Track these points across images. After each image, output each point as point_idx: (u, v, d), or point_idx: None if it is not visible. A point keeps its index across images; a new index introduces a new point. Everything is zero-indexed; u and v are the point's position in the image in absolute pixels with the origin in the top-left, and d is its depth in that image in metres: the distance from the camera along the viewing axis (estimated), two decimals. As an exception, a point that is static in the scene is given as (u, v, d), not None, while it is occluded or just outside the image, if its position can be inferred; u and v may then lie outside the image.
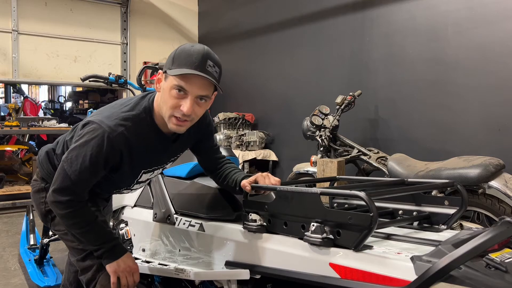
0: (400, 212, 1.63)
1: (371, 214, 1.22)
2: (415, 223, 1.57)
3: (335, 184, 2.05)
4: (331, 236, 1.34)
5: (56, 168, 1.64)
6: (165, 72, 1.53)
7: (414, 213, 1.58)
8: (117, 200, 2.63)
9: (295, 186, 1.57)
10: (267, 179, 1.65)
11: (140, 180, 1.77)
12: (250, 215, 1.59)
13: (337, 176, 2.03)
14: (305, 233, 1.39)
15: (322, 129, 3.55)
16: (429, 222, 1.56)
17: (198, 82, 1.49)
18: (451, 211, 1.52)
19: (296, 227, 1.45)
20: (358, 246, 1.27)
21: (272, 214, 1.55)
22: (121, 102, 1.66)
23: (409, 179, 1.73)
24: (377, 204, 1.53)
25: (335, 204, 1.82)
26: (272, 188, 1.59)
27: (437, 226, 1.53)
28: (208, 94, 1.53)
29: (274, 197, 1.59)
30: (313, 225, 1.36)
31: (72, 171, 1.53)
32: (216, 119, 5.25)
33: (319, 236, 1.34)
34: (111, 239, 1.64)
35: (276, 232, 1.54)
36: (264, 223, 1.56)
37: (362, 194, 1.26)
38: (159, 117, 1.60)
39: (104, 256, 1.61)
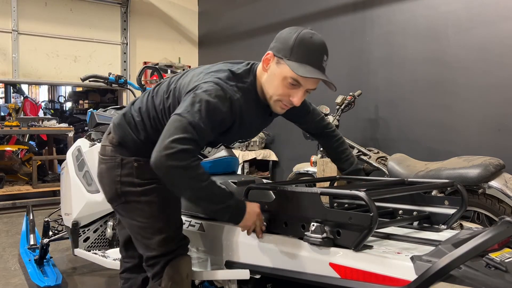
0: (400, 212, 1.63)
1: (371, 214, 1.22)
2: (415, 223, 1.57)
3: (335, 184, 2.06)
4: (331, 236, 1.34)
5: (135, 130, 1.64)
6: (279, 57, 1.50)
7: (414, 213, 1.58)
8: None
9: (295, 186, 1.57)
10: None
11: (231, 146, 1.78)
12: None
13: (337, 176, 2.03)
14: (305, 233, 1.39)
15: (322, 129, 3.54)
16: (429, 222, 1.56)
17: (315, 80, 1.51)
18: (451, 211, 1.52)
19: (296, 227, 1.45)
20: (358, 246, 1.27)
21: (272, 214, 1.55)
22: (230, 69, 1.58)
23: (409, 179, 1.73)
24: (377, 204, 1.53)
25: (335, 204, 1.82)
26: (272, 188, 1.59)
27: (437, 226, 1.53)
28: (316, 87, 1.56)
29: (274, 197, 1.59)
30: (313, 225, 1.36)
31: (193, 118, 1.40)
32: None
33: (319, 236, 1.34)
34: (232, 195, 1.51)
35: (276, 232, 1.54)
36: (264, 223, 1.56)
37: (362, 194, 1.26)
38: (261, 92, 1.61)
39: (233, 214, 1.50)
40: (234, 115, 1.52)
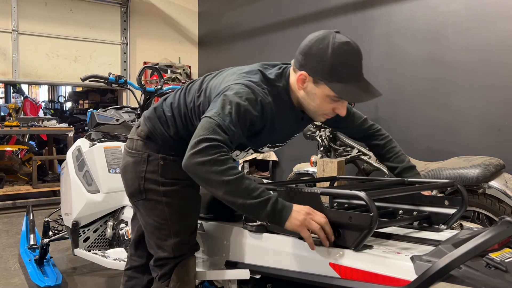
0: (400, 212, 1.63)
1: (371, 214, 1.21)
2: (415, 223, 1.57)
3: (335, 184, 2.05)
4: (331, 236, 1.34)
5: (165, 124, 1.64)
6: (317, 78, 1.43)
7: (414, 213, 1.58)
8: (117, 200, 2.63)
9: (295, 186, 1.56)
10: None
11: (260, 150, 1.72)
12: None
13: (337, 176, 2.02)
14: None
15: (322, 129, 3.55)
16: (429, 222, 1.56)
17: None
18: (451, 211, 1.52)
19: None
20: (358, 246, 1.27)
21: None
22: (262, 72, 1.54)
23: (409, 179, 1.73)
24: (377, 204, 1.53)
25: (335, 204, 1.82)
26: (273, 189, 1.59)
27: (437, 226, 1.53)
28: None
29: None
30: None
31: (224, 120, 1.36)
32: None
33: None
34: (267, 191, 1.34)
35: (276, 232, 1.54)
36: (264, 223, 1.56)
37: (362, 194, 1.26)
38: (294, 97, 1.56)
39: (275, 209, 1.31)
40: (265, 119, 1.49)
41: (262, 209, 1.30)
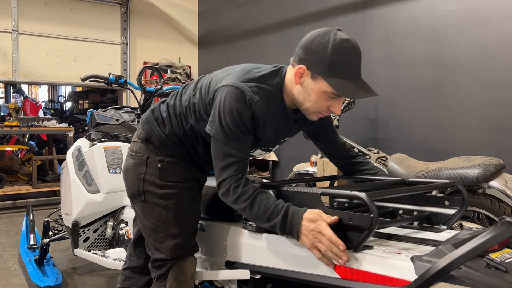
0: (400, 211, 1.62)
1: (371, 215, 1.21)
2: (415, 223, 1.57)
3: (335, 183, 2.05)
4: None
5: (161, 124, 1.67)
6: (315, 72, 1.43)
7: (415, 213, 1.58)
8: (117, 200, 2.63)
9: (295, 185, 1.56)
10: None
11: (251, 153, 1.71)
12: None
13: (338, 175, 2.02)
14: None
15: (322, 129, 3.54)
16: (429, 222, 1.56)
17: None
18: (452, 211, 1.52)
19: None
20: (359, 247, 1.27)
21: None
22: (254, 70, 1.56)
23: (409, 179, 1.72)
24: (377, 203, 1.52)
25: (335, 203, 1.82)
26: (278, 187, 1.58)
27: (437, 226, 1.52)
28: None
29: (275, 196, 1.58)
30: None
31: (226, 137, 1.46)
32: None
33: None
34: (280, 209, 1.40)
35: (276, 232, 1.54)
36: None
37: (362, 195, 1.25)
38: (288, 97, 1.56)
39: (285, 230, 1.39)
40: (255, 118, 1.49)
41: (274, 229, 1.42)
